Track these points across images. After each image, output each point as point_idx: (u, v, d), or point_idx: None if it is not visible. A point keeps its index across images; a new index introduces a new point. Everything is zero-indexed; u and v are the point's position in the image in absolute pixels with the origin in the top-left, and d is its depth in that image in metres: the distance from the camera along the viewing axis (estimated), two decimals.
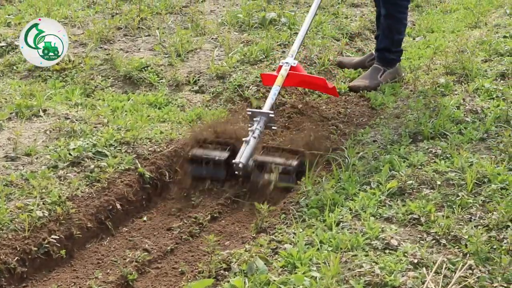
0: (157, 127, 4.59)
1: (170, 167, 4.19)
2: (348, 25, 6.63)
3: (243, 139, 4.10)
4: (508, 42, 5.90)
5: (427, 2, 7.77)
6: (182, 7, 7.08)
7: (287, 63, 4.57)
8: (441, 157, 4.04)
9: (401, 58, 5.67)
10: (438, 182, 3.73)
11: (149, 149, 4.24)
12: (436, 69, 5.58)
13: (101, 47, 5.95)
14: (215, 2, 7.34)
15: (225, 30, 6.39)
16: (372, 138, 4.40)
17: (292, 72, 4.57)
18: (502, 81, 5.15)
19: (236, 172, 4.05)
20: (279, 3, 7.08)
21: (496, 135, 4.30)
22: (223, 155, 4.15)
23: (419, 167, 3.93)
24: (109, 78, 5.42)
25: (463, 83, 5.16)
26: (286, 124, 4.82)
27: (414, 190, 3.70)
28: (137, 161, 4.06)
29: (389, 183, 3.72)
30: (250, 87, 5.21)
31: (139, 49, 5.94)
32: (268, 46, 5.81)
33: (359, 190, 3.73)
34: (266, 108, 4.30)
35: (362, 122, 4.84)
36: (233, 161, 4.03)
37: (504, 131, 4.24)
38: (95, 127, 4.44)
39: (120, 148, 4.19)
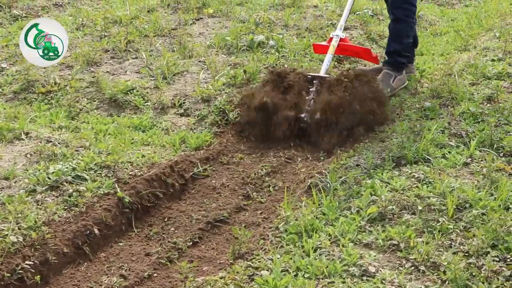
0: (139, 150, 4.57)
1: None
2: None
3: (306, 97, 4.86)
4: (496, 66, 5.88)
5: (418, 25, 7.72)
6: (171, 29, 7.06)
7: (337, 35, 5.33)
8: (424, 182, 4.01)
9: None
10: (420, 208, 3.69)
11: (130, 173, 4.20)
12: (424, 92, 5.55)
13: (87, 70, 5.93)
14: (205, 24, 7.32)
15: (213, 52, 6.37)
16: (356, 162, 4.37)
17: (342, 43, 5.33)
18: (488, 105, 5.13)
19: (302, 125, 4.81)
20: (268, 26, 7.07)
21: (480, 159, 4.26)
22: None
23: (401, 191, 3.90)
24: (95, 101, 5.41)
25: (449, 107, 5.14)
26: None
27: (395, 216, 3.66)
28: (116, 185, 4.01)
29: (369, 208, 3.68)
30: (235, 110, 5.18)
31: (126, 72, 5.92)
32: (255, 69, 5.79)
33: (340, 215, 3.70)
34: (322, 73, 5.04)
35: None
36: (300, 115, 4.81)
37: (487, 155, 4.21)
38: (76, 151, 4.40)
39: (100, 172, 4.15)
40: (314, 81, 4.95)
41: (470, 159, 4.28)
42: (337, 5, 8.09)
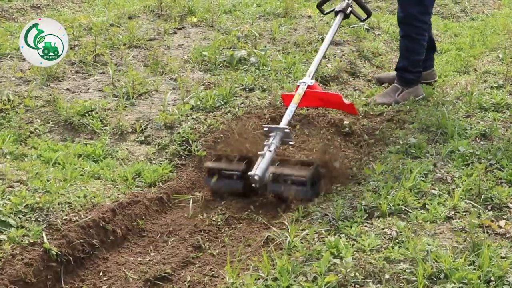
0: (84, 187, 4.06)
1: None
2: (324, 66, 6.09)
3: (259, 153, 4.13)
4: (494, 94, 5.33)
5: None
6: (149, 40, 6.56)
7: (304, 82, 4.64)
8: (396, 240, 3.49)
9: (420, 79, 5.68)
10: (387, 276, 3.17)
11: (65, 217, 3.69)
12: (413, 122, 5.00)
13: (47, 86, 5.42)
14: (186, 35, 6.81)
15: (188, 68, 5.86)
16: (324, 211, 3.85)
17: (309, 90, 4.61)
18: (482, 142, 4.60)
19: (253, 185, 4.07)
20: (254, 39, 6.54)
21: (464, 213, 3.74)
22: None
23: (369, 253, 3.38)
24: (49, 123, 4.92)
25: (437, 143, 4.61)
26: None
27: (357, 285, 3.14)
28: (44, 234, 3.50)
29: (328, 275, 3.16)
30: (199, 140, 4.68)
31: (88, 89, 5.42)
32: (229, 91, 5.28)
33: (294, 281, 3.18)
34: (282, 124, 4.32)
35: None
36: (249, 173, 4.04)
37: (473, 209, 3.70)
38: (10, 187, 3.88)
39: (30, 216, 3.63)
40: (270, 134, 4.24)
41: (453, 212, 3.75)
42: (334, 15, 7.54)
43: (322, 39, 6.69)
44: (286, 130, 4.23)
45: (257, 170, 4.03)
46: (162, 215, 4.03)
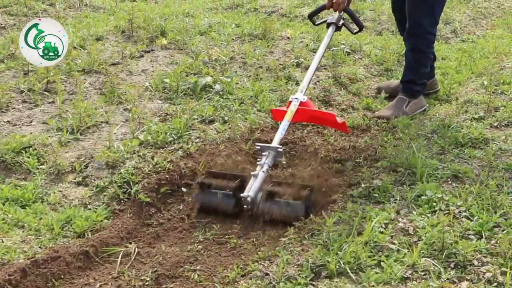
0: (0, 240, 3.62)
1: None
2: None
3: (252, 173, 4.01)
4: (473, 128, 4.86)
5: (401, 66, 6.61)
6: (111, 64, 6.13)
7: (296, 98, 4.49)
8: None
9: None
10: None
11: None
12: (381, 159, 4.54)
13: None
14: (153, 58, 6.37)
15: (147, 97, 5.42)
16: (265, 270, 3.39)
17: (302, 107, 4.45)
18: (453, 184, 4.14)
19: (245, 206, 3.94)
20: (223, 64, 6.10)
21: (423, 273, 3.28)
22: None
23: None
24: None
25: (404, 185, 4.15)
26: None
27: None
28: None
29: None
30: (142, 181, 4.23)
31: (31, 122, 4.98)
32: (185, 123, 4.84)
33: None
34: (275, 143, 4.21)
35: None
36: (242, 194, 3.91)
37: (433, 267, 3.24)
38: None
39: None
40: (263, 153, 4.13)
41: (411, 272, 3.30)
42: (314, 37, 7.12)
43: (297, 64, 6.30)
44: (279, 149, 4.13)
45: (250, 191, 3.91)
46: (85, 273, 3.56)
